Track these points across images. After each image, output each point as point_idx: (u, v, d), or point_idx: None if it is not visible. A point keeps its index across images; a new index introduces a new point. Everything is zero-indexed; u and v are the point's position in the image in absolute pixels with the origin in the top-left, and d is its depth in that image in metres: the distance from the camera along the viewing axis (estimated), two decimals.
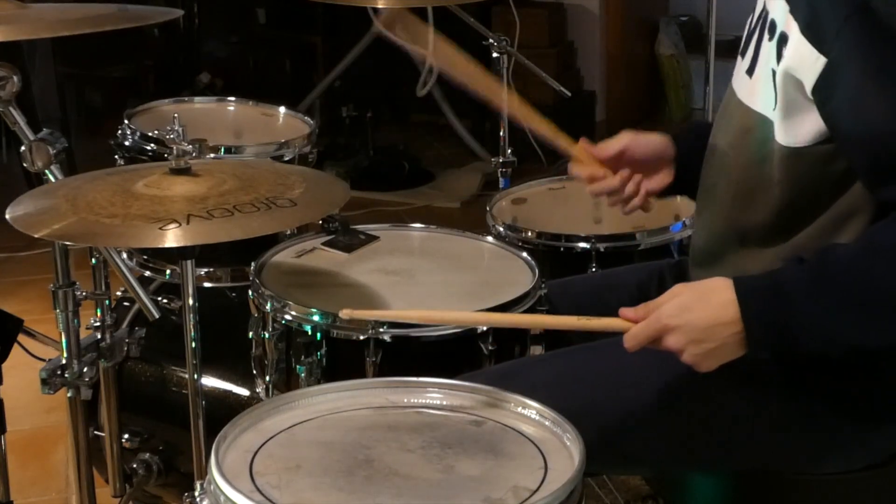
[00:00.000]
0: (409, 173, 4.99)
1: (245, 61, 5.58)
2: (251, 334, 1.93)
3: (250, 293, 1.92)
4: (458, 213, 4.66)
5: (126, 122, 2.37)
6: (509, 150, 2.78)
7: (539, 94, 4.83)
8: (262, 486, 1.30)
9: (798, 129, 1.52)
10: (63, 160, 1.84)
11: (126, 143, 2.32)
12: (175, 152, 1.73)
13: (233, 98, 2.68)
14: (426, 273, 1.99)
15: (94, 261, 1.97)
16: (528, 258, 2.00)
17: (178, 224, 1.57)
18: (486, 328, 1.76)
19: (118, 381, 2.17)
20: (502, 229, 2.28)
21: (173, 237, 1.56)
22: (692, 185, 1.85)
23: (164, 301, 2.19)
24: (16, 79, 1.84)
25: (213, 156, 2.18)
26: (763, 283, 1.47)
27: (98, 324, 2.00)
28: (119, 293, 2.28)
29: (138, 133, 2.31)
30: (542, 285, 1.87)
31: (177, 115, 1.77)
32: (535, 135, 1.89)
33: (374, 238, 2.11)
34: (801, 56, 1.46)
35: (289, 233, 2.13)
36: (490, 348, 1.76)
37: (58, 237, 1.71)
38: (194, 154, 1.76)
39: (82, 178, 1.80)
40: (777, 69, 1.51)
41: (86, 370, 1.94)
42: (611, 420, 1.62)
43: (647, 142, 1.86)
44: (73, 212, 1.63)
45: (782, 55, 1.50)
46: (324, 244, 2.08)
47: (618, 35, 5.51)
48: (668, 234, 2.24)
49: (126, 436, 2.23)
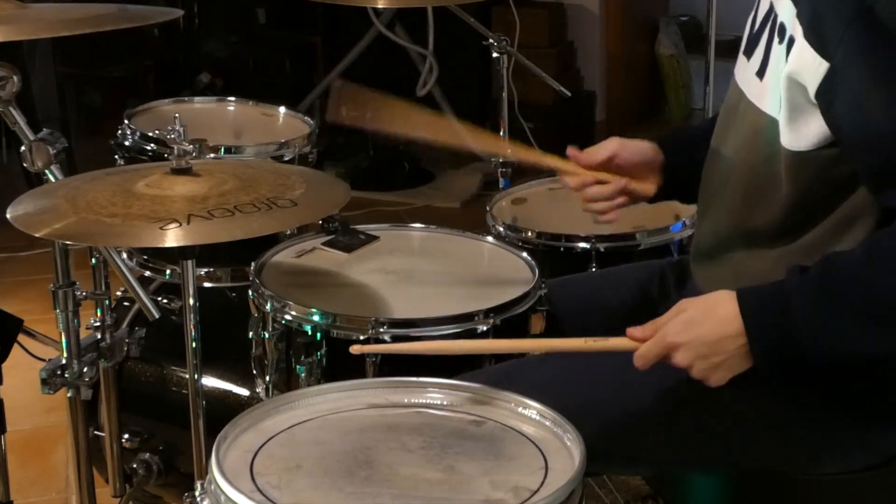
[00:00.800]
0: (409, 173, 4.99)
1: (245, 61, 5.57)
2: (251, 334, 1.93)
3: (250, 293, 1.92)
4: (458, 213, 4.65)
5: (126, 122, 2.37)
6: (509, 150, 2.78)
7: (539, 94, 4.86)
8: (263, 486, 1.30)
9: (802, 132, 1.51)
10: (63, 160, 1.84)
11: (126, 143, 2.32)
12: (176, 152, 1.73)
13: (233, 98, 2.68)
14: (426, 273, 1.99)
15: (94, 261, 1.97)
16: (528, 258, 2.00)
17: (178, 224, 1.57)
18: (486, 328, 1.76)
19: (118, 381, 2.17)
20: (502, 229, 2.28)
21: (174, 237, 1.56)
22: (681, 190, 1.85)
23: (164, 301, 2.18)
24: (16, 79, 1.84)
25: (213, 156, 2.18)
26: (766, 295, 1.47)
27: (98, 324, 2.00)
28: (119, 293, 2.28)
29: (138, 133, 2.31)
30: (542, 285, 1.87)
31: (178, 114, 1.77)
32: (522, 164, 1.88)
33: (374, 238, 2.11)
34: (805, 60, 1.46)
35: (289, 233, 2.13)
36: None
37: (58, 237, 1.71)
38: (195, 154, 1.76)
39: (82, 177, 1.80)
40: (783, 72, 1.51)
41: (86, 370, 1.94)
42: (611, 420, 1.62)
43: (635, 148, 1.86)
44: (74, 211, 1.63)
45: (788, 59, 1.50)
46: (324, 244, 2.08)
47: (618, 35, 5.50)
48: (668, 234, 2.24)
49: (126, 436, 2.23)
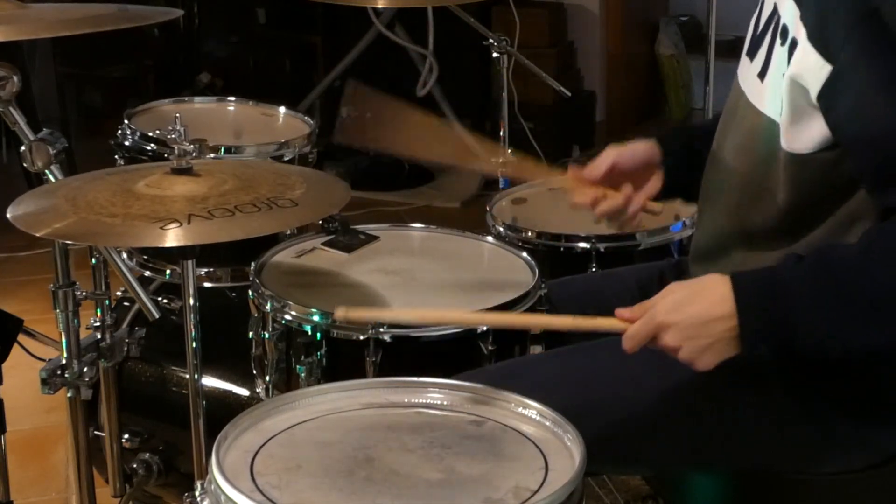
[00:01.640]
0: (409, 173, 4.99)
1: (245, 61, 5.57)
2: (251, 334, 1.93)
3: (250, 293, 1.92)
4: (458, 213, 4.65)
5: (126, 122, 2.37)
6: (509, 150, 2.78)
7: (539, 94, 4.86)
8: (263, 486, 1.30)
9: (803, 135, 1.51)
10: (63, 160, 1.84)
11: (126, 143, 2.32)
12: (176, 152, 1.73)
13: (233, 98, 2.68)
14: (426, 273, 1.99)
15: (94, 261, 1.97)
16: (528, 258, 2.00)
17: (178, 224, 1.57)
18: (486, 328, 1.76)
19: (118, 381, 2.17)
20: (502, 229, 2.28)
21: (174, 237, 1.56)
22: (683, 187, 1.85)
23: (164, 301, 2.18)
24: (16, 79, 1.84)
25: (213, 156, 2.18)
26: (760, 278, 1.46)
27: (98, 324, 2.00)
28: (119, 293, 2.28)
29: (138, 133, 2.31)
30: (542, 285, 1.87)
31: (178, 114, 1.77)
32: (527, 180, 1.87)
33: (374, 238, 2.11)
34: (807, 62, 1.46)
35: (289, 233, 2.13)
36: (490, 348, 1.76)
37: (58, 236, 1.71)
38: (195, 154, 1.76)
39: (82, 177, 1.80)
40: (785, 75, 1.51)
41: (86, 370, 1.94)
42: (611, 420, 1.62)
43: (633, 152, 1.84)
44: (74, 211, 1.63)
45: (791, 61, 1.50)
46: (324, 244, 2.08)
47: (618, 35, 5.50)
48: (668, 234, 2.24)
49: (126, 436, 2.22)
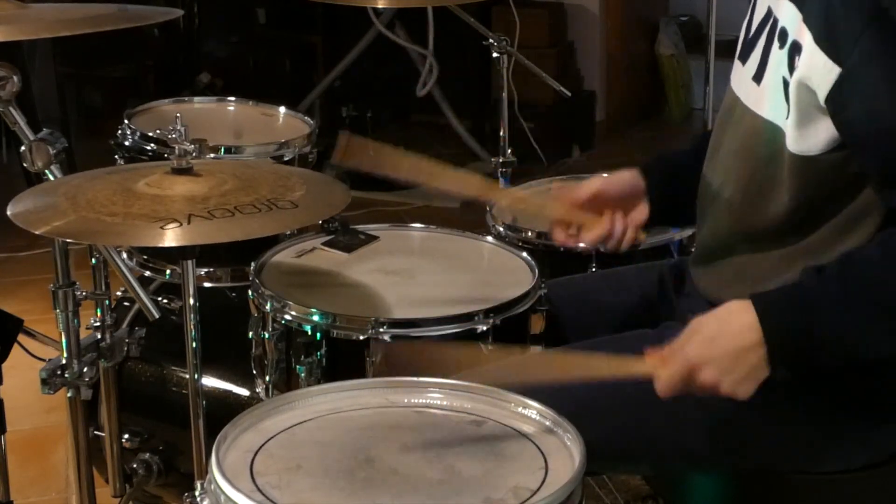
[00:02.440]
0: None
1: (245, 61, 5.57)
2: (251, 334, 1.93)
3: (250, 293, 1.91)
4: (458, 213, 4.65)
5: (126, 122, 2.36)
6: (509, 150, 2.78)
7: (539, 94, 4.86)
8: (263, 486, 1.30)
9: (811, 137, 1.51)
10: (63, 160, 1.84)
11: (126, 143, 2.32)
12: (177, 152, 1.73)
13: (233, 98, 2.68)
14: (426, 273, 1.99)
15: (94, 261, 1.97)
16: (528, 258, 2.00)
17: (178, 224, 1.57)
18: (486, 328, 1.76)
19: (118, 381, 2.17)
20: (502, 229, 2.28)
21: (174, 237, 1.56)
22: (669, 217, 1.85)
23: (164, 301, 2.18)
24: (16, 79, 1.84)
25: (212, 156, 2.18)
26: (781, 298, 1.46)
27: (98, 324, 2.00)
28: (119, 293, 2.28)
29: (138, 133, 2.31)
30: (542, 285, 1.87)
31: (179, 114, 1.77)
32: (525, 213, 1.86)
33: (374, 238, 2.11)
34: (815, 65, 1.46)
35: (289, 233, 2.12)
36: (490, 348, 1.76)
37: (58, 234, 1.71)
38: (195, 154, 1.76)
39: (83, 176, 1.80)
40: (790, 79, 1.51)
41: (86, 370, 1.94)
42: (611, 420, 1.62)
43: (619, 179, 1.83)
44: (74, 209, 1.63)
45: (795, 65, 1.49)
46: (324, 244, 2.08)
47: (618, 35, 5.50)
48: (668, 234, 2.23)
49: (126, 436, 2.22)
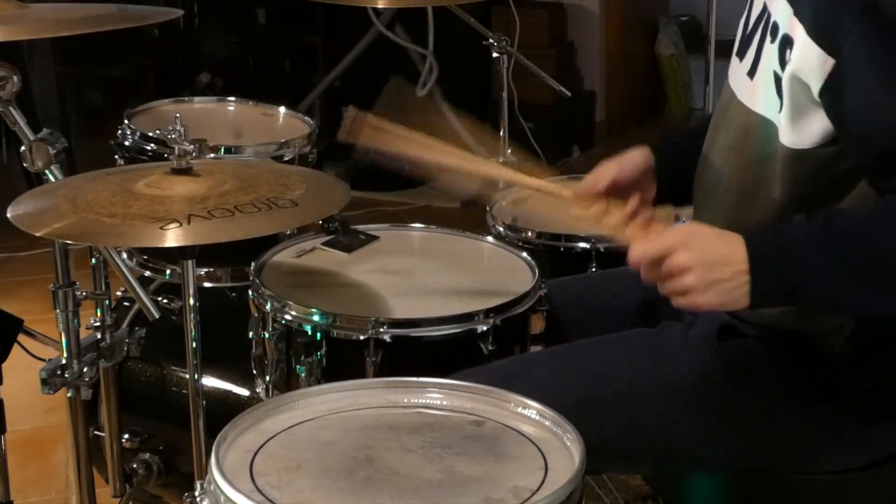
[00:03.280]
0: (409, 173, 4.98)
1: (245, 61, 5.57)
2: (251, 334, 1.93)
3: (250, 293, 1.91)
4: (458, 213, 4.65)
5: (126, 122, 2.37)
6: (509, 150, 2.78)
7: (539, 94, 4.86)
8: (263, 487, 1.30)
9: (805, 131, 1.51)
10: (63, 160, 1.84)
11: (126, 143, 2.32)
12: (176, 152, 1.73)
13: (233, 98, 2.68)
14: (426, 273, 1.99)
15: (94, 261, 1.97)
16: (528, 258, 2.00)
17: (178, 224, 1.57)
18: (486, 328, 1.76)
19: (118, 381, 2.17)
20: (502, 229, 2.28)
21: (174, 237, 1.56)
22: (676, 193, 1.84)
23: (164, 301, 2.18)
24: (16, 79, 1.84)
25: (213, 156, 2.18)
26: (770, 235, 1.46)
27: (98, 324, 2.00)
28: (119, 293, 2.28)
29: (138, 133, 2.31)
30: (542, 285, 1.87)
31: (178, 114, 1.77)
32: (538, 191, 1.84)
33: (374, 238, 2.11)
34: (808, 59, 1.46)
35: (289, 233, 2.12)
36: (490, 348, 1.76)
37: (58, 236, 1.71)
38: (195, 154, 1.76)
39: (82, 177, 1.80)
40: (781, 73, 1.50)
41: (86, 370, 1.94)
42: (611, 420, 1.62)
43: (631, 162, 1.81)
44: (74, 211, 1.63)
45: (786, 59, 1.50)
46: (324, 244, 2.08)
47: (618, 35, 5.50)
48: None
49: (126, 436, 2.22)
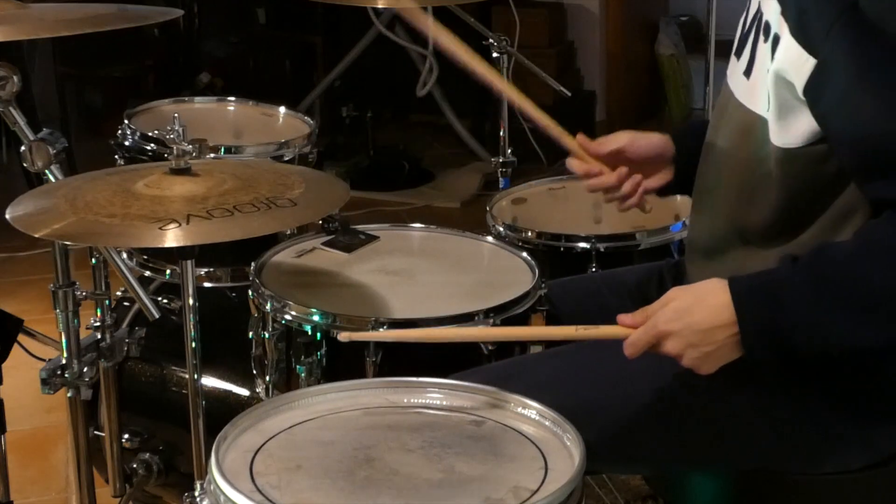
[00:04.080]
0: (409, 173, 4.98)
1: (245, 61, 5.57)
2: (251, 334, 1.93)
3: (250, 293, 1.91)
4: (458, 213, 4.65)
5: (126, 122, 2.37)
6: (509, 150, 2.78)
7: (539, 94, 4.80)
8: (263, 487, 1.30)
9: (791, 130, 1.52)
10: (63, 160, 1.84)
11: (126, 143, 2.32)
12: (175, 152, 1.73)
13: (233, 98, 2.68)
14: (426, 273, 1.99)
15: (94, 261, 1.97)
16: (528, 258, 2.00)
17: (178, 224, 1.57)
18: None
19: (118, 381, 2.17)
20: (502, 229, 2.28)
21: (173, 237, 1.56)
22: (692, 183, 1.85)
23: (164, 301, 2.18)
24: (16, 79, 1.84)
25: (213, 156, 2.18)
26: (758, 284, 1.47)
27: (98, 324, 2.00)
28: (119, 293, 2.28)
29: (138, 133, 2.31)
30: (542, 285, 1.87)
31: (177, 114, 1.77)
32: (533, 124, 1.89)
33: (374, 238, 2.11)
34: (792, 57, 1.46)
35: (289, 233, 2.13)
36: (490, 348, 1.76)
37: (58, 237, 1.71)
38: (194, 154, 1.76)
39: (82, 177, 1.80)
40: (770, 70, 1.51)
41: (86, 370, 1.94)
42: (611, 420, 1.62)
43: (647, 141, 1.86)
44: (73, 212, 1.63)
45: (775, 57, 1.50)
46: (324, 244, 2.08)
47: (618, 35, 5.50)
48: (668, 234, 2.23)
49: (126, 436, 2.22)
